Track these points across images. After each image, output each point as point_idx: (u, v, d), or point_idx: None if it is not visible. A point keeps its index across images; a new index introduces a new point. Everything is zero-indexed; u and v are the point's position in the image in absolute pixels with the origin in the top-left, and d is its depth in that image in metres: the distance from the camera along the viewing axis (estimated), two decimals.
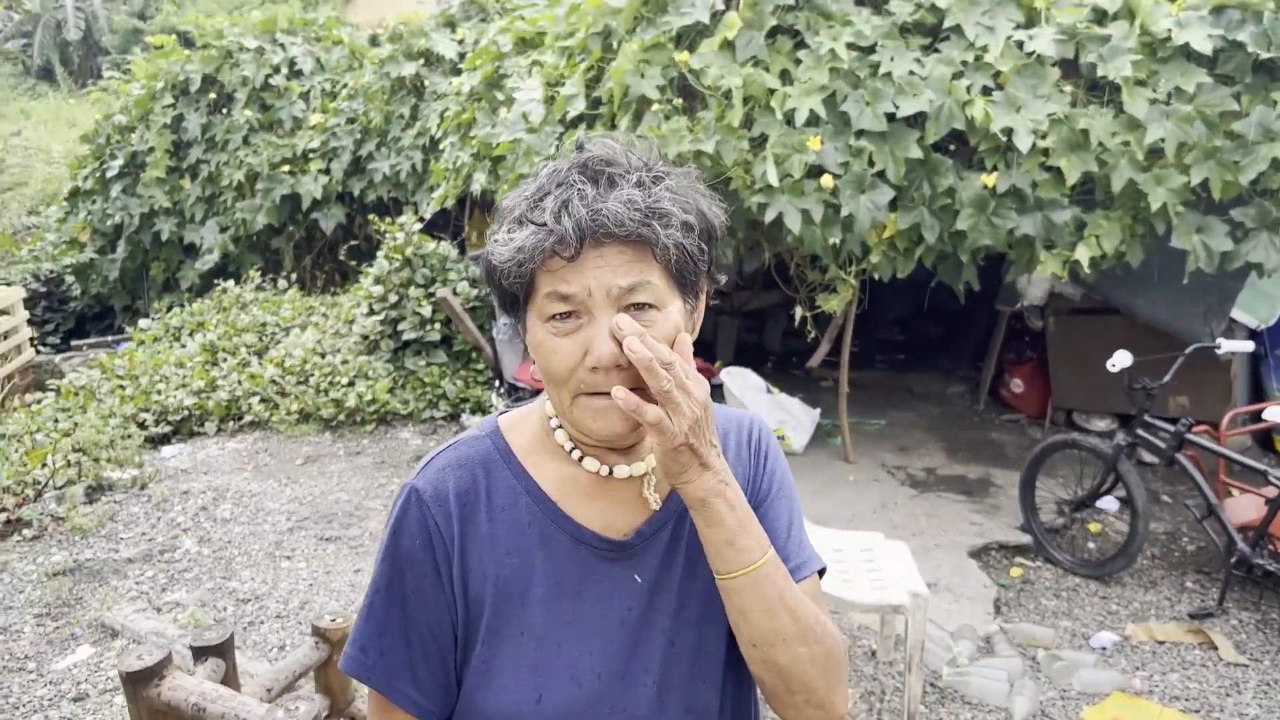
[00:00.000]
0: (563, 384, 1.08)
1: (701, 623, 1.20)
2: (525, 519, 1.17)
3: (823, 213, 4.78)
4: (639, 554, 1.19)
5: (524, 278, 1.06)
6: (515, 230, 1.07)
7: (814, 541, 3.45)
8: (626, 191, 1.05)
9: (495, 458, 1.20)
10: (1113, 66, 4.69)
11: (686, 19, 5.17)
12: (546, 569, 1.15)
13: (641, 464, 1.19)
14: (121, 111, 8.92)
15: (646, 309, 1.06)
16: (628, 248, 1.04)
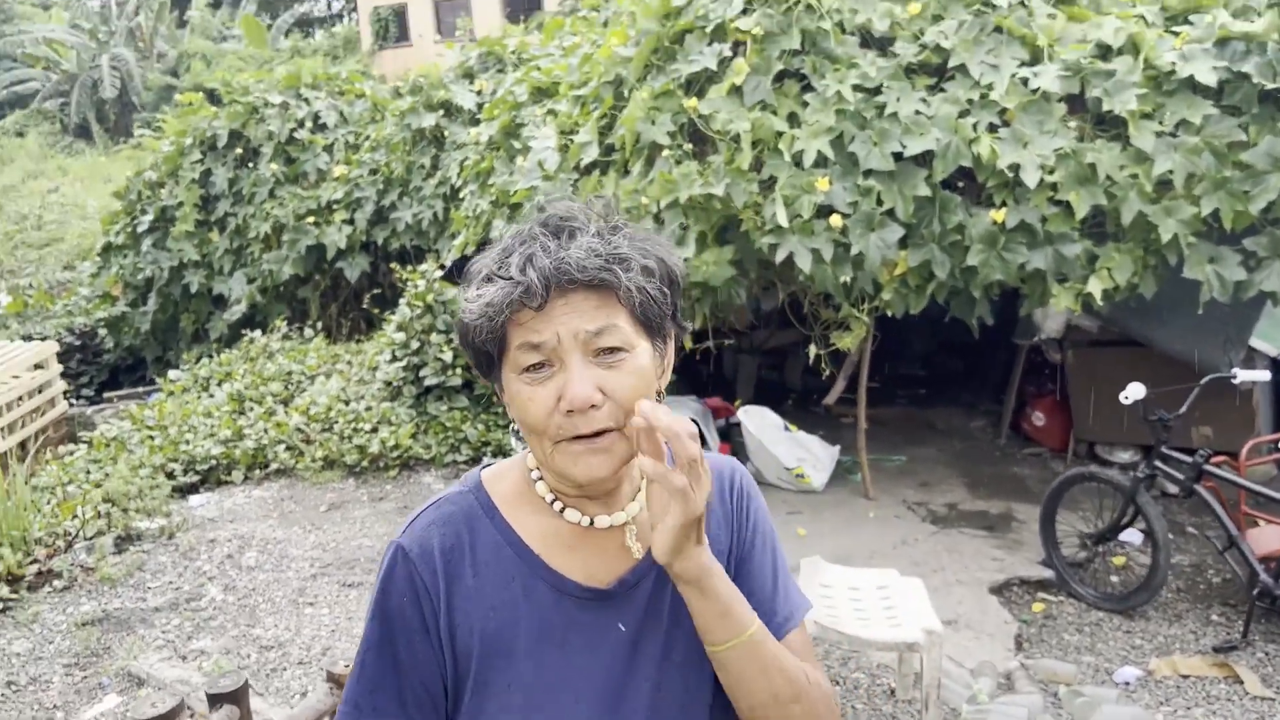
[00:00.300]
0: (541, 432, 1.11)
1: (687, 668, 1.22)
2: (509, 572, 1.19)
3: (833, 251, 4.83)
4: (622, 602, 1.21)
5: (495, 332, 1.10)
6: (484, 287, 1.11)
7: (829, 579, 3.44)
8: (587, 241, 1.10)
9: (479, 512, 1.22)
10: (1118, 100, 4.73)
11: (695, 66, 5.26)
12: (531, 620, 1.17)
13: (622, 514, 1.22)
14: (152, 168, 9.16)
15: (616, 352, 1.09)
16: (592, 294, 1.09)
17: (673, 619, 1.22)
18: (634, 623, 1.21)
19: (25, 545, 5.03)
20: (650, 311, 1.12)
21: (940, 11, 5.19)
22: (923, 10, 5.16)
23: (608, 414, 1.08)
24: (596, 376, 1.08)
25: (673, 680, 1.21)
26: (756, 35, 5.10)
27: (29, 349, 7.35)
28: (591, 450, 1.09)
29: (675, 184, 5.09)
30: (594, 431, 1.09)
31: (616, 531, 1.22)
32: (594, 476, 1.11)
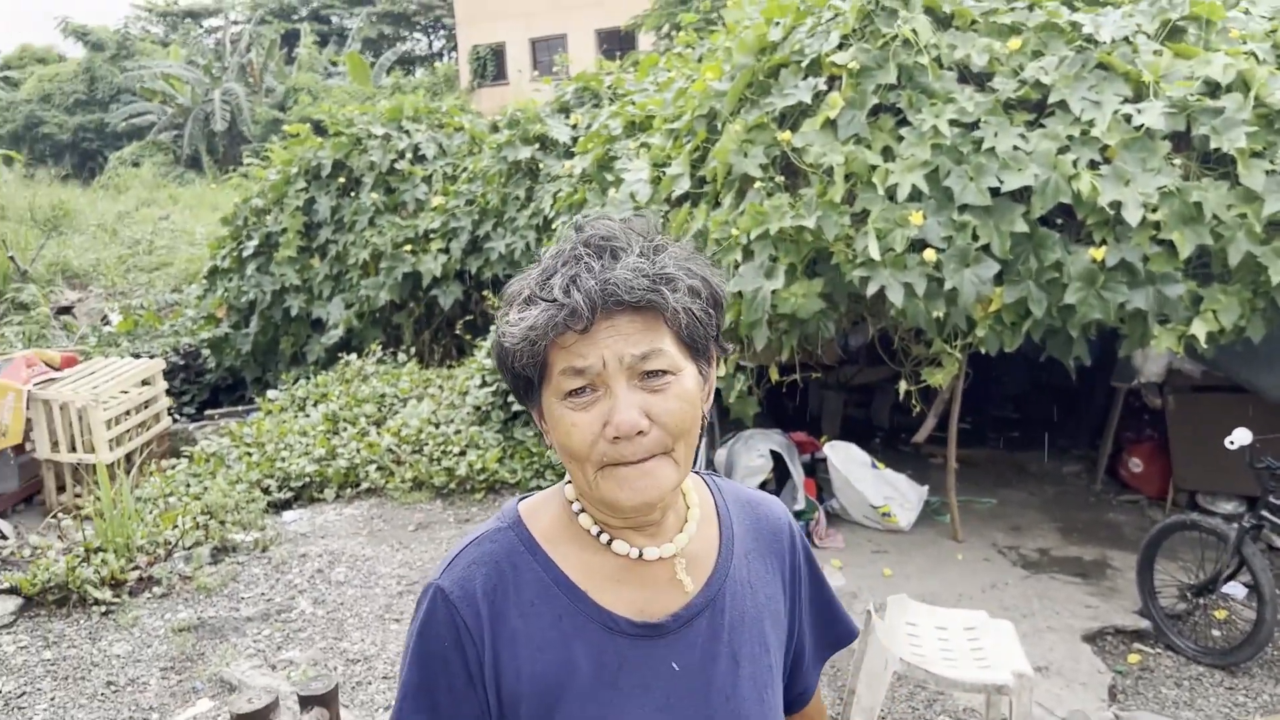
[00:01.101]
0: (585, 459, 1.07)
1: (747, 708, 1.19)
2: (557, 611, 1.14)
3: (925, 286, 4.78)
4: (675, 639, 1.16)
5: (537, 357, 1.07)
6: (525, 310, 1.08)
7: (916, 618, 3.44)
8: (633, 260, 1.07)
9: (520, 549, 1.18)
10: (1227, 138, 4.61)
11: (789, 100, 5.28)
12: (581, 661, 1.13)
13: (671, 545, 1.18)
14: (258, 195, 9.51)
15: (662, 375, 1.07)
16: (638, 316, 1.06)
17: (730, 658, 1.19)
18: (689, 661, 1.17)
19: (128, 552, 5.21)
20: (696, 333, 1.10)
21: (1041, 47, 5.13)
22: (1023, 46, 5.11)
23: (655, 440, 1.06)
24: (642, 401, 1.06)
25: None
26: (852, 70, 5.10)
27: (137, 365, 7.64)
28: (640, 474, 1.07)
29: (766, 215, 5.10)
30: (640, 458, 1.06)
31: (666, 564, 1.18)
32: (643, 501, 1.08)
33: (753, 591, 1.25)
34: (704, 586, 1.19)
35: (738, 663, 1.19)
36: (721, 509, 1.29)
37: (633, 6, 21.85)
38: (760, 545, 1.29)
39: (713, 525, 1.26)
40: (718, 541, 1.25)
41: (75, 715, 3.96)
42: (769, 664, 1.25)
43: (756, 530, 1.30)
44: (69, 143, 36.31)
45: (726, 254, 5.29)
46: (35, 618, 4.82)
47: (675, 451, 1.09)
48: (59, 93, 37.24)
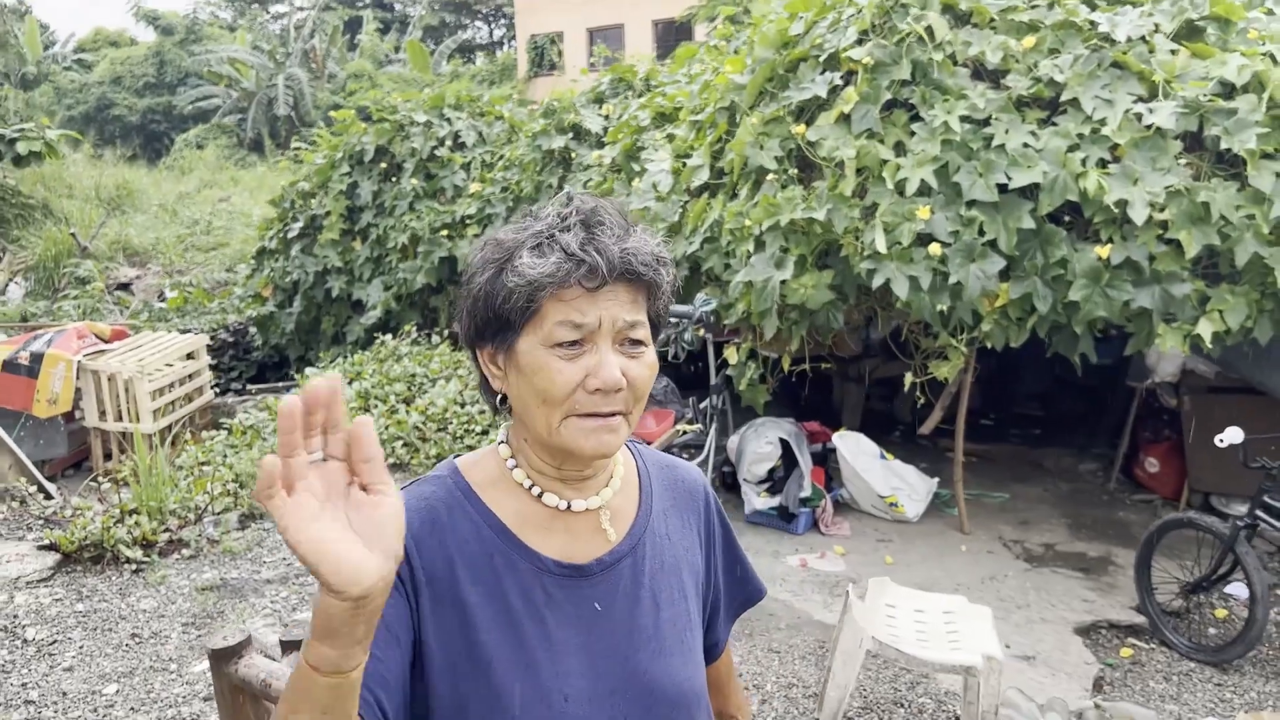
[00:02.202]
0: (558, 404, 1.13)
1: (667, 652, 1.27)
2: (489, 551, 1.21)
3: (931, 279, 4.86)
4: (598, 582, 1.24)
5: (534, 301, 1.12)
6: (539, 257, 1.12)
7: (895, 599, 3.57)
8: (640, 238, 1.16)
9: (458, 495, 1.24)
10: (1238, 139, 4.62)
11: (806, 94, 5.38)
12: (510, 596, 1.20)
13: (597, 498, 1.27)
14: (305, 179, 9.78)
15: (639, 344, 1.17)
16: (634, 288, 1.15)
17: (651, 601, 1.28)
18: (611, 602, 1.25)
19: (161, 515, 5.48)
20: (660, 316, 1.22)
21: (1058, 45, 5.16)
22: (1038, 44, 5.15)
23: (623, 400, 1.15)
24: (621, 363, 1.15)
25: (655, 667, 1.25)
26: (867, 65, 5.18)
27: (183, 340, 7.95)
28: (605, 427, 1.15)
29: (778, 207, 5.21)
30: (609, 412, 1.15)
31: (591, 515, 1.27)
32: (599, 453, 1.16)
33: (670, 543, 1.36)
34: (626, 536, 1.29)
35: (659, 606, 1.29)
36: (642, 470, 1.39)
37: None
38: (677, 503, 1.40)
39: (634, 484, 1.36)
40: (638, 498, 1.35)
41: (100, 663, 4.21)
42: (687, 610, 1.35)
43: (674, 490, 1.41)
44: (137, 124, 37.26)
45: (740, 244, 5.41)
46: (72, 573, 5.10)
47: (630, 414, 1.19)
48: (129, 75, 38.21)
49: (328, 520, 0.85)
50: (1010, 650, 4.46)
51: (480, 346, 1.22)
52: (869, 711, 3.95)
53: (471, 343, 1.24)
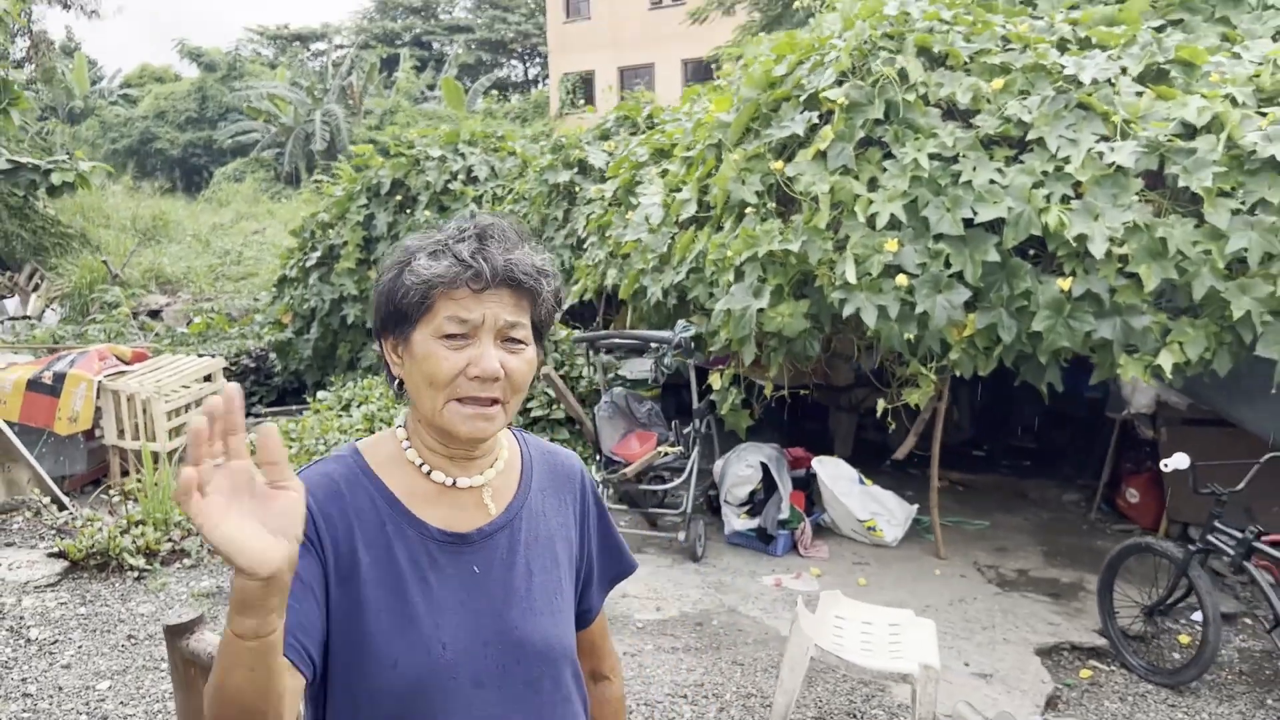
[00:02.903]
0: (442, 388, 1.32)
1: (539, 615, 1.45)
2: (381, 519, 1.37)
3: (899, 309, 5.05)
4: (478, 549, 1.42)
5: (428, 299, 1.31)
6: (434, 261, 1.31)
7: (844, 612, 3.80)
8: (525, 252, 1.38)
9: (356, 472, 1.41)
10: (1196, 178, 4.79)
11: (786, 132, 5.62)
12: (398, 560, 1.36)
13: (480, 477, 1.44)
14: (325, 210, 10.14)
15: (518, 343, 1.35)
16: (517, 294, 1.34)
17: (525, 568, 1.46)
18: (488, 567, 1.42)
19: (165, 526, 5.74)
20: (544, 322, 1.42)
21: (1028, 87, 5.37)
22: (1008, 85, 5.36)
23: (499, 388, 1.33)
24: (501, 357, 1.32)
25: (525, 624, 1.43)
26: (843, 104, 5.42)
27: (200, 363, 8.27)
28: (481, 415, 1.33)
29: (757, 239, 5.44)
30: (487, 398, 1.33)
31: (475, 492, 1.44)
32: (474, 436, 1.35)
33: (546, 519, 1.55)
34: (504, 510, 1.48)
35: (531, 572, 1.47)
36: (525, 455, 1.59)
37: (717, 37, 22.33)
38: (555, 485, 1.59)
39: (517, 466, 1.56)
40: (519, 479, 1.54)
41: (96, 661, 4.46)
42: (559, 577, 1.53)
43: (553, 474, 1.60)
44: (178, 158, 38.22)
45: (721, 274, 5.64)
46: (78, 579, 5.37)
47: (508, 404, 1.39)
48: (172, 110, 39.24)
49: (235, 514, 0.99)
50: (969, 668, 4.61)
51: (385, 337, 1.40)
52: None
53: (379, 334, 1.42)
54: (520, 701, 1.42)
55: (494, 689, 1.39)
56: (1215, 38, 5.79)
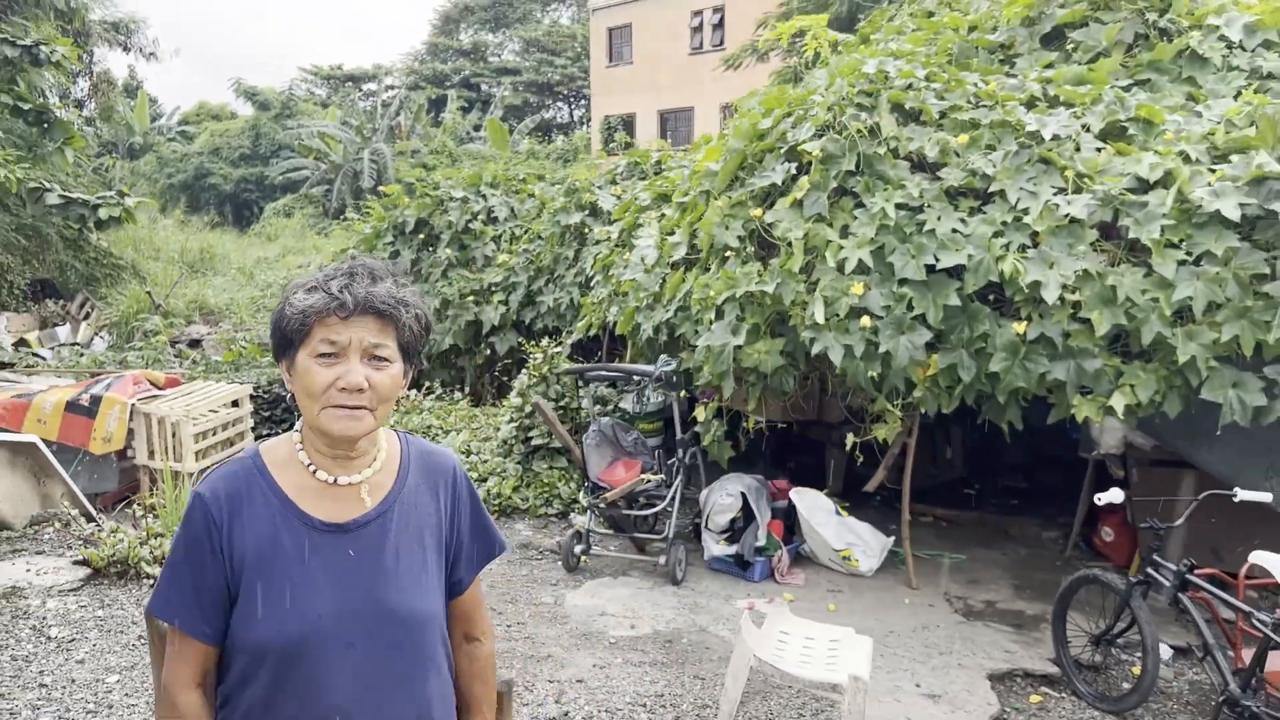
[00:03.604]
0: (317, 398, 1.66)
1: (402, 591, 1.77)
2: (272, 512, 1.71)
3: (864, 349, 5.37)
4: (353, 536, 1.75)
5: (306, 326, 1.65)
6: (309, 296, 1.66)
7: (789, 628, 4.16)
8: (387, 286, 1.74)
9: (255, 472, 1.75)
10: (1145, 230, 5.08)
11: (767, 181, 5.99)
12: (285, 544, 1.70)
13: (359, 475, 1.77)
14: (354, 246, 10.66)
15: (383, 360, 1.69)
16: (380, 320, 1.68)
17: (394, 552, 1.77)
18: (361, 551, 1.75)
19: None
20: (410, 344, 1.76)
21: (994, 142, 5.69)
22: (974, 140, 5.69)
23: (366, 398, 1.68)
24: (366, 372, 1.66)
25: (391, 597, 1.75)
26: (819, 157, 5.77)
27: (229, 389, 8.75)
28: (350, 417, 1.68)
29: (736, 280, 5.80)
30: (354, 405, 1.67)
31: (354, 488, 1.78)
32: (345, 435, 1.69)
33: (417, 510, 1.88)
34: (379, 504, 1.81)
35: (399, 556, 1.80)
36: (404, 455, 1.93)
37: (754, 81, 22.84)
38: (428, 481, 1.92)
39: (395, 465, 1.90)
40: (396, 475, 1.88)
41: (108, 658, 4.86)
42: (424, 559, 1.87)
43: (427, 471, 1.93)
44: (231, 193, 39.40)
45: (704, 312, 6.00)
46: (98, 585, 5.80)
47: (376, 411, 1.73)
48: (227, 147, 40.52)
49: None
50: (920, 689, 4.87)
51: (279, 360, 1.76)
52: None
53: (276, 358, 1.77)
54: (383, 659, 1.76)
55: (362, 648, 1.74)
56: (1181, 97, 6.07)
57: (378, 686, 1.75)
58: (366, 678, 1.74)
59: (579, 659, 5.03)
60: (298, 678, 1.70)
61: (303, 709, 1.71)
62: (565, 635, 5.33)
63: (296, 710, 1.71)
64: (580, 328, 7.67)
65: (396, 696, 1.78)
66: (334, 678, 1.72)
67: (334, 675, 1.71)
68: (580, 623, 5.50)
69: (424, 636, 1.83)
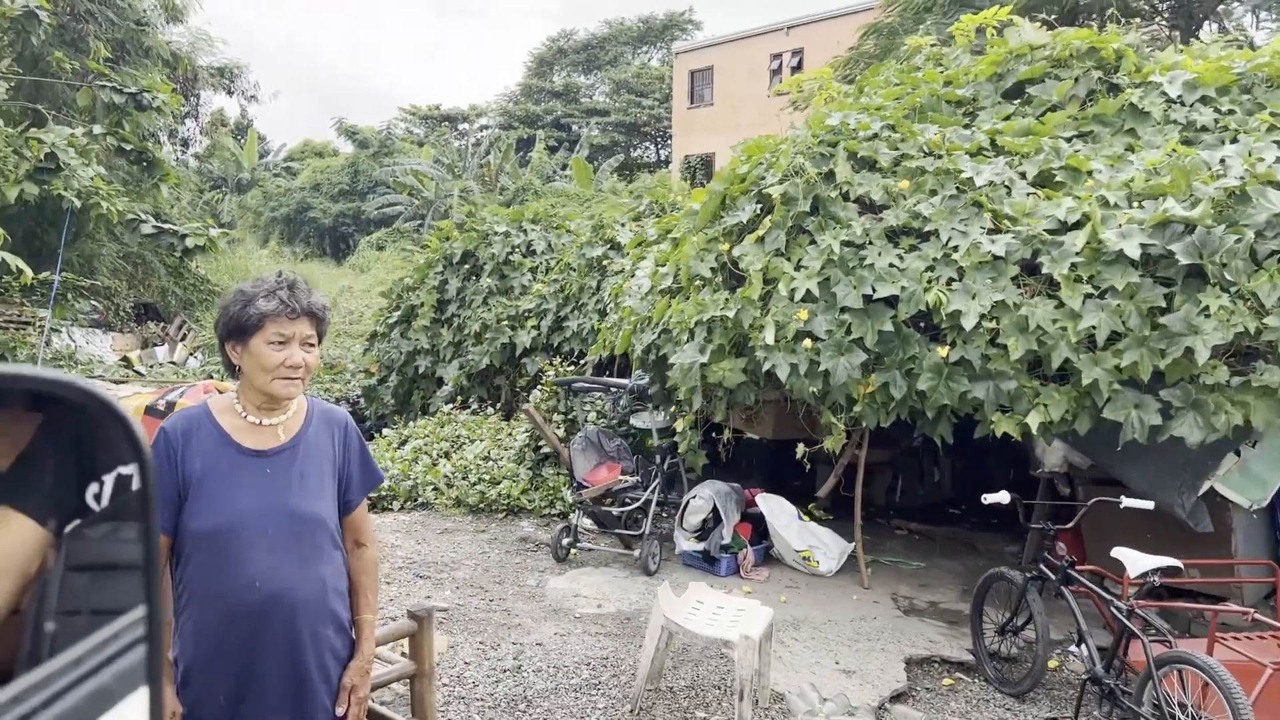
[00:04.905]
0: (271, 370, 2.44)
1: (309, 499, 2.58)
2: (214, 443, 2.44)
3: (807, 367, 6.09)
4: (271, 460, 2.48)
5: (262, 322, 2.43)
6: (265, 301, 2.43)
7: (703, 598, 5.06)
8: (317, 297, 2.64)
9: (204, 416, 2.48)
10: (1059, 267, 5.72)
11: (736, 219, 6.78)
12: (221, 464, 2.42)
13: (277, 419, 2.53)
14: (409, 275, 11.73)
15: (312, 347, 2.59)
16: (311, 320, 2.58)
17: (300, 473, 2.52)
18: (277, 471, 2.49)
19: None
20: (323, 334, 2.64)
21: (937, 187, 6.39)
22: (919, 186, 6.39)
23: (301, 372, 2.55)
24: (303, 355, 2.56)
25: (294, 502, 2.49)
26: (779, 199, 6.54)
27: None
28: (291, 384, 2.56)
29: (705, 306, 6.58)
30: (294, 376, 2.56)
31: (273, 428, 2.52)
32: (288, 394, 2.53)
33: (317, 447, 2.72)
34: (291, 439, 2.65)
35: (303, 475, 2.63)
36: (310, 409, 2.80)
37: None
38: (328, 428, 2.76)
39: (303, 415, 2.78)
40: (304, 421, 2.76)
41: None
42: (321, 481, 2.69)
43: (327, 421, 2.79)
44: (329, 226, 41.43)
45: (681, 334, 6.79)
46: None
47: (305, 379, 2.61)
48: (327, 183, 42.64)
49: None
50: (838, 665, 5.53)
51: (228, 342, 2.59)
52: (692, 689, 5.12)
53: (222, 340, 2.63)
54: (288, 544, 2.56)
55: (273, 535, 2.54)
56: (1121, 147, 6.68)
57: (284, 562, 2.53)
58: (275, 555, 2.52)
59: (544, 628, 5.82)
60: (228, 554, 2.49)
61: (231, 576, 2.50)
62: (538, 610, 6.14)
63: (226, 577, 2.50)
64: (594, 349, 8.52)
65: (296, 570, 2.56)
66: (253, 554, 2.50)
67: (253, 552, 2.49)
68: (554, 602, 6.30)
69: (318, 531, 2.62)
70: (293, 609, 2.50)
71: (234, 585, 2.45)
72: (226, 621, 2.46)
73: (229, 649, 2.47)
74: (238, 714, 2.50)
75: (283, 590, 2.48)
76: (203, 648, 2.47)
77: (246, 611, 2.45)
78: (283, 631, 2.49)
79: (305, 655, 2.54)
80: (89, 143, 11.32)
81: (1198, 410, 5.46)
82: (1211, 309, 5.35)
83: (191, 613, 2.47)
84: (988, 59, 7.55)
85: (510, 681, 5.06)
